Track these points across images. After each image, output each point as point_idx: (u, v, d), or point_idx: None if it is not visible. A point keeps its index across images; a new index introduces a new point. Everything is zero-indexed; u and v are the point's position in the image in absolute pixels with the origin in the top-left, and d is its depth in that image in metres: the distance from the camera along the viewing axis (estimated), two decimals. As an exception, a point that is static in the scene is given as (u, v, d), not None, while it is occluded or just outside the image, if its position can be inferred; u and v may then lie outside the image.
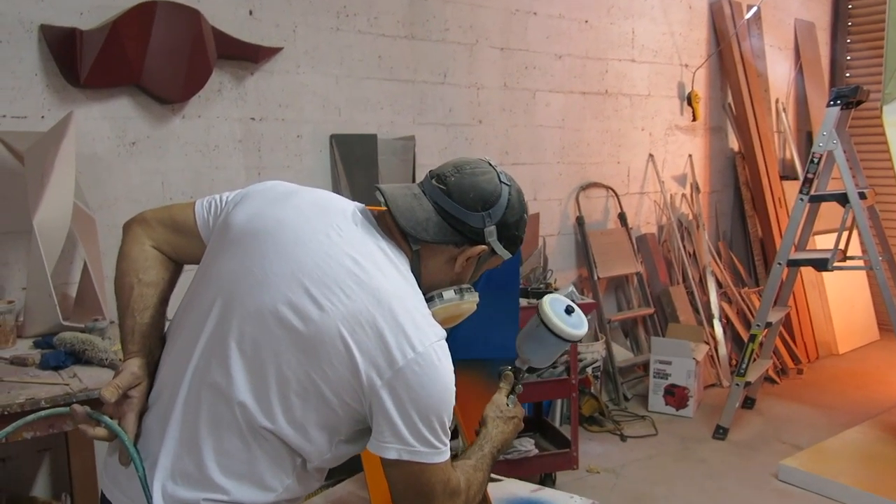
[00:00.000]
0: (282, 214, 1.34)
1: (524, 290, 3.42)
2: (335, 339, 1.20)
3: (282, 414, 1.23)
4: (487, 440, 1.48)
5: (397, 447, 1.22)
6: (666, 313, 4.93)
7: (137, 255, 1.40)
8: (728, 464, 3.75)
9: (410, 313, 1.24)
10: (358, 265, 1.26)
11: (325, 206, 1.37)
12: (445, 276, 1.40)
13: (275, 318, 1.23)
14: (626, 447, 3.96)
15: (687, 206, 5.34)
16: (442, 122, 4.02)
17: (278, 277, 1.25)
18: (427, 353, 1.21)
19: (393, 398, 1.20)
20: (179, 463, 1.24)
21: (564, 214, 4.67)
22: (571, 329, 1.46)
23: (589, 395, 4.13)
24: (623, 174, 4.99)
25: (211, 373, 1.25)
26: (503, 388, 1.60)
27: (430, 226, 1.34)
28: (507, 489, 2.06)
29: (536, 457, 3.16)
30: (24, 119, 2.80)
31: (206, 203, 1.43)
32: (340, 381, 1.22)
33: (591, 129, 4.75)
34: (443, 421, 1.24)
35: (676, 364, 4.33)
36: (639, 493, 3.41)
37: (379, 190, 1.38)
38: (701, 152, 5.48)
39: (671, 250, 5.15)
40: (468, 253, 1.37)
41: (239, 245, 1.32)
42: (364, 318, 1.21)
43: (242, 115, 3.36)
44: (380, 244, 1.32)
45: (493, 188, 1.35)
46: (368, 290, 1.23)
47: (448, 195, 1.34)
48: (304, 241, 1.29)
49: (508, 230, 1.38)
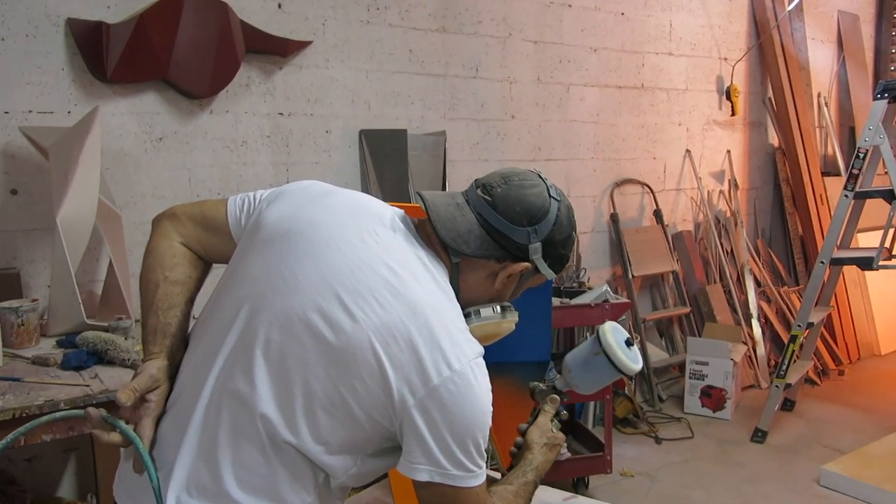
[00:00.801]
0: (315, 216, 1.27)
1: (556, 288, 3.34)
2: (367, 353, 1.14)
3: (306, 428, 1.16)
4: (532, 468, 1.40)
5: (429, 469, 1.15)
6: (702, 313, 4.81)
7: (165, 250, 1.34)
8: (767, 468, 3.63)
9: (447, 328, 1.16)
10: (394, 274, 1.19)
11: (361, 210, 1.30)
12: (485, 292, 1.33)
13: (304, 326, 1.17)
14: (662, 450, 3.85)
15: (725, 203, 5.20)
16: (473, 118, 3.95)
17: (309, 282, 1.19)
18: (464, 371, 1.14)
19: (426, 418, 1.13)
20: (195, 474, 1.18)
21: (598, 211, 4.56)
22: (630, 363, 1.39)
23: (623, 397, 4.03)
24: (659, 170, 4.87)
25: (234, 380, 1.19)
26: (548, 411, 1.50)
27: (472, 238, 1.27)
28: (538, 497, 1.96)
29: (569, 460, 3.08)
30: (51, 114, 2.79)
31: (240, 200, 1.36)
32: (370, 397, 1.15)
33: (626, 124, 4.64)
34: (478, 443, 1.16)
35: (713, 365, 4.21)
36: (675, 497, 3.31)
37: (420, 196, 1.31)
38: (740, 148, 5.34)
39: (708, 248, 5.02)
40: (510, 269, 1.30)
41: (269, 246, 1.26)
42: (398, 331, 1.14)
43: (271, 110, 3.32)
44: (418, 253, 1.25)
45: (542, 203, 1.28)
46: (404, 300, 1.16)
47: (493, 207, 1.27)
48: (337, 244, 1.22)
49: (555, 248, 1.31)
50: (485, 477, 1.21)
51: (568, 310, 3.06)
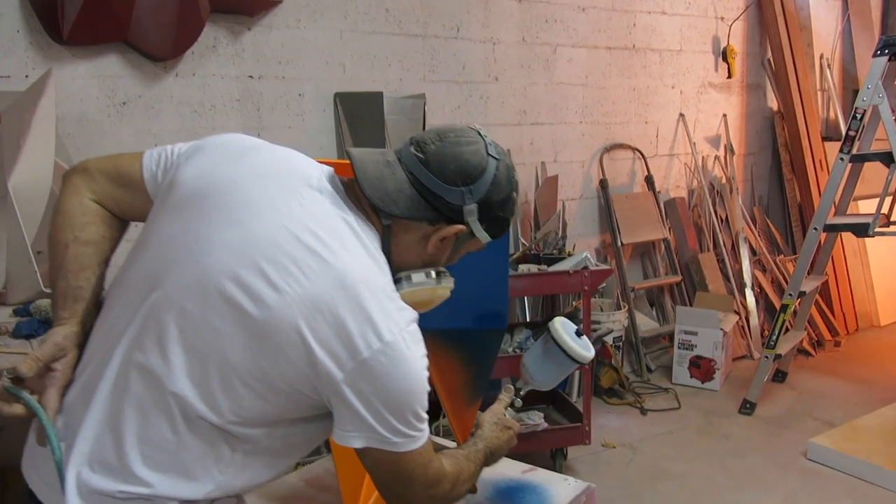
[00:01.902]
0: (235, 175, 1.18)
1: (536, 255, 3.24)
2: (289, 329, 1.06)
3: (225, 404, 1.09)
4: (482, 439, 1.43)
5: (364, 436, 1.11)
6: (694, 282, 4.70)
7: (75, 209, 1.25)
8: (754, 440, 3.55)
9: (378, 298, 1.09)
10: (320, 241, 1.11)
11: (285, 170, 1.21)
12: (417, 256, 1.25)
13: (221, 297, 1.08)
14: (646, 421, 3.78)
15: (720, 169, 5.07)
16: (455, 80, 3.82)
17: (227, 249, 1.10)
18: (395, 341, 1.08)
19: (356, 392, 1.08)
20: (99, 448, 1.11)
21: (587, 177, 4.44)
22: (582, 350, 1.44)
23: (608, 366, 3.94)
24: (651, 135, 4.73)
25: (144, 352, 1.11)
26: (503, 399, 1.55)
27: (402, 198, 1.18)
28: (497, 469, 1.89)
29: (546, 431, 3.00)
30: (7, 79, 2.68)
31: (156, 154, 1.26)
32: (295, 371, 1.08)
33: (616, 86, 4.50)
34: (416, 412, 1.12)
35: (702, 335, 4.12)
36: (656, 469, 3.24)
37: (348, 154, 1.22)
38: (736, 112, 5.18)
39: (702, 216, 4.90)
40: (443, 232, 1.22)
41: (185, 207, 1.17)
42: (325, 305, 1.06)
43: (240, 72, 3.20)
44: (346, 217, 1.16)
45: (478, 161, 1.20)
46: (331, 271, 1.08)
47: (425, 165, 1.19)
48: (258, 209, 1.13)
49: (492, 210, 1.23)
50: (427, 436, 1.16)
51: (546, 277, 2.96)
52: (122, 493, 1.08)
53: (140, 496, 1.08)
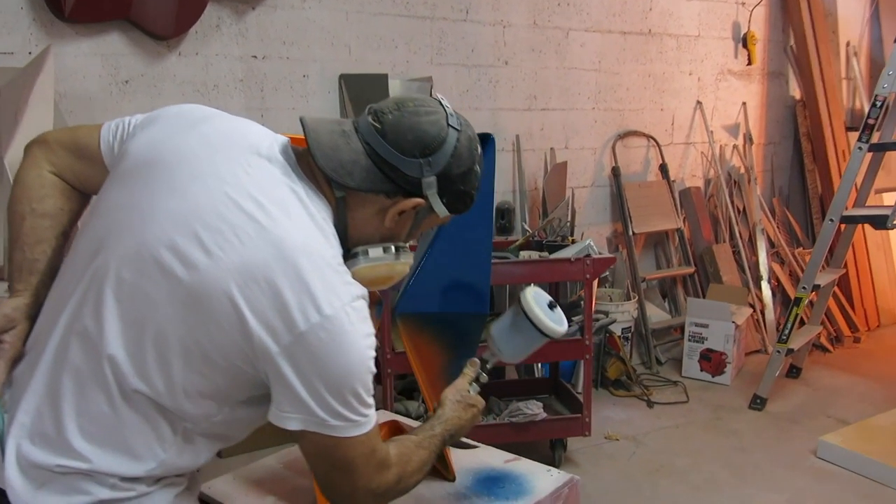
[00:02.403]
0: (184, 144, 1.15)
1: (539, 242, 3.17)
2: (221, 296, 1.02)
3: (159, 376, 1.06)
4: (440, 421, 1.35)
5: (301, 417, 1.06)
6: (708, 273, 4.60)
7: (33, 181, 1.24)
8: (762, 437, 3.46)
9: (319, 269, 1.05)
10: (261, 208, 1.07)
11: (236, 139, 1.17)
12: (375, 231, 1.21)
13: (156, 264, 1.06)
14: (653, 414, 3.70)
15: (738, 159, 4.95)
16: (463, 63, 3.75)
17: (166, 217, 1.08)
18: (336, 316, 1.03)
19: (293, 367, 1.03)
20: (39, 421, 1.09)
21: (599, 165, 4.36)
22: (553, 324, 1.36)
23: (615, 358, 3.87)
24: (666, 122, 4.63)
25: (83, 320, 1.09)
26: (467, 373, 1.45)
27: (357, 170, 1.14)
28: (479, 458, 1.86)
29: (545, 421, 2.95)
30: (11, 55, 2.68)
31: (114, 126, 1.24)
32: (230, 344, 1.04)
33: (631, 72, 4.40)
34: (357, 393, 1.07)
35: (714, 327, 4.02)
36: (658, 464, 3.17)
37: (302, 123, 1.17)
38: (757, 100, 5.05)
39: (718, 206, 4.79)
40: (401, 206, 1.18)
41: (131, 176, 1.15)
42: (260, 272, 1.02)
43: (244, 52, 3.17)
44: (295, 187, 1.12)
45: (437, 132, 1.15)
46: (269, 238, 1.04)
47: (382, 136, 1.14)
48: (202, 177, 1.10)
49: (452, 183, 1.19)
50: (372, 423, 1.11)
51: (546, 264, 2.90)
52: (59, 468, 1.06)
53: (78, 471, 1.06)
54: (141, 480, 1.10)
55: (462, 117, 1.22)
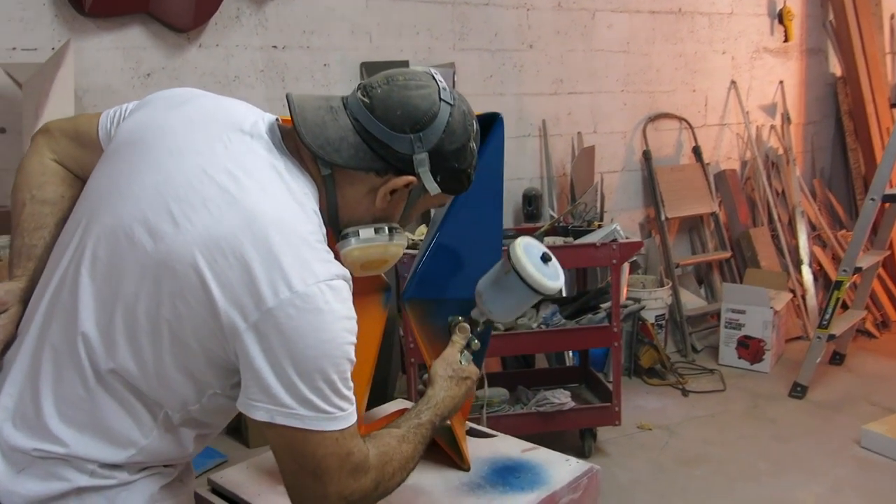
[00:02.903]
0: (167, 123, 1.13)
1: (564, 228, 3.10)
2: (187, 268, 0.98)
3: (129, 356, 1.03)
4: (429, 406, 1.24)
5: (267, 407, 0.98)
6: (745, 258, 4.47)
7: (34, 168, 1.24)
8: (802, 425, 3.34)
9: (292, 243, 0.99)
10: (235, 181, 1.03)
11: (220, 116, 1.13)
12: (367, 212, 1.16)
13: (126, 238, 1.03)
14: (688, 403, 3.61)
15: (776, 140, 4.79)
16: (486, 48, 3.69)
17: (142, 192, 1.05)
18: (310, 293, 0.97)
19: (261, 346, 0.97)
20: (21, 404, 1.07)
21: (629, 149, 4.26)
22: (545, 279, 1.24)
23: (648, 345, 3.78)
24: (699, 104, 4.50)
25: (62, 298, 1.07)
26: (456, 341, 1.36)
27: (345, 147, 1.09)
28: (495, 447, 1.80)
29: (573, 410, 2.88)
30: (35, 51, 2.71)
31: (112, 112, 1.23)
32: (197, 320, 1.00)
33: (661, 53, 4.29)
34: (330, 379, 0.99)
35: (751, 313, 3.91)
36: (692, 454, 3.08)
37: (287, 99, 1.12)
38: (795, 78, 4.89)
39: (755, 189, 4.65)
40: (392, 184, 1.12)
41: (115, 157, 1.14)
42: (228, 245, 0.98)
43: (264, 43, 3.16)
44: (276, 163, 1.07)
45: (428, 106, 1.10)
46: (240, 209, 1.00)
47: (370, 111, 1.09)
48: (181, 152, 1.07)
49: (445, 160, 1.14)
50: (351, 420, 1.03)
51: (571, 250, 2.83)
52: (37, 451, 1.03)
53: (55, 455, 1.03)
54: (122, 468, 1.07)
55: (457, 92, 1.16)
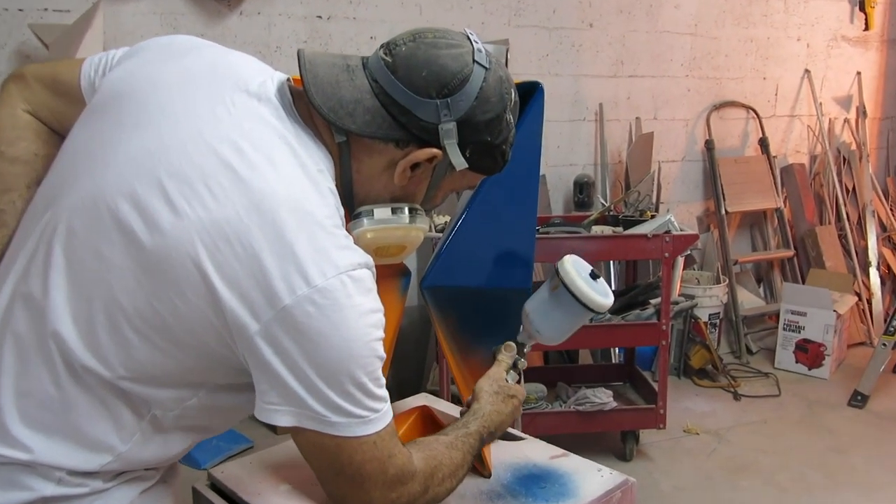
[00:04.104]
0: (160, 76, 0.98)
1: (614, 217, 2.93)
2: (185, 259, 0.85)
3: (114, 353, 0.90)
4: (476, 417, 1.15)
5: (292, 410, 0.88)
6: (810, 258, 4.22)
7: (4, 121, 1.07)
8: (861, 437, 3.12)
9: (308, 229, 0.87)
10: (240, 154, 0.89)
11: (224, 72, 0.99)
12: (384, 189, 1.01)
13: (112, 218, 0.89)
14: (739, 407, 3.41)
15: (850, 134, 4.51)
16: (543, 25, 3.52)
17: (127, 159, 0.91)
18: (330, 287, 0.85)
19: (277, 350, 0.86)
20: None
21: (691, 138, 4.04)
22: (597, 296, 1.18)
23: (699, 345, 3.59)
24: (769, 93, 4.25)
25: (29, 280, 0.93)
26: (503, 360, 1.27)
27: (360, 111, 0.95)
28: (521, 452, 1.65)
29: (615, 411, 2.73)
30: (67, 13, 2.64)
31: (97, 59, 1.07)
32: (198, 319, 0.87)
33: (731, 37, 4.05)
34: (360, 381, 0.88)
35: (812, 316, 3.67)
36: (741, 462, 2.90)
37: (298, 54, 0.98)
38: (874, 70, 4.59)
39: (824, 185, 4.38)
40: (413, 157, 0.97)
41: (99, 113, 0.99)
42: (233, 232, 0.85)
43: (308, 12, 3.05)
44: (285, 131, 0.93)
45: (459, 68, 0.95)
46: (247, 190, 0.87)
47: (392, 71, 0.95)
48: (175, 114, 0.93)
49: (477, 132, 0.98)
50: (387, 420, 0.93)
51: (620, 240, 2.67)
52: None
53: (17, 462, 0.90)
54: (96, 475, 0.94)
55: (494, 56, 1.01)
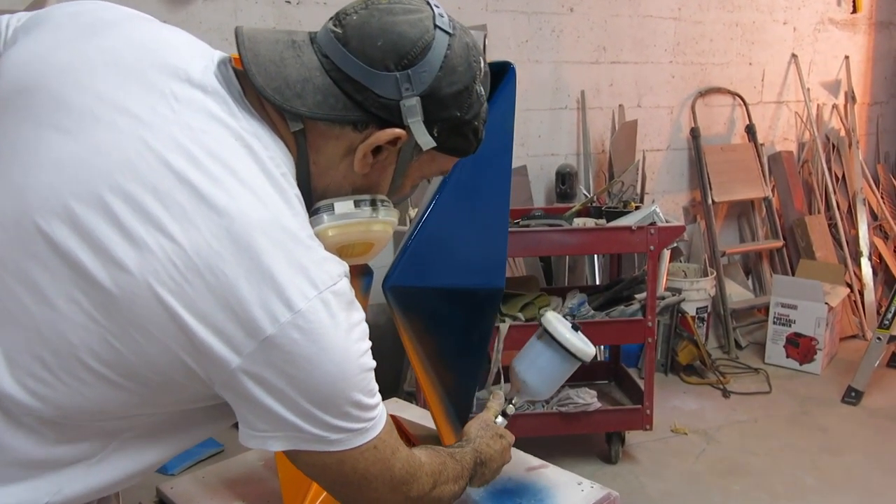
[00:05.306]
0: (77, 60, 0.83)
1: (598, 209, 2.80)
2: (150, 299, 0.74)
3: (57, 394, 0.79)
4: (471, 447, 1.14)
5: (286, 436, 0.82)
6: (799, 248, 4.11)
7: None
8: (856, 435, 3.02)
9: (284, 247, 0.77)
10: (196, 166, 0.76)
11: (156, 57, 0.84)
12: (345, 180, 0.90)
13: (45, 241, 0.76)
14: (729, 405, 3.29)
15: (838, 120, 4.41)
16: (522, 10, 3.38)
17: (57, 167, 0.77)
18: (314, 309, 0.77)
19: (261, 382, 0.78)
20: None
21: (676, 125, 3.92)
22: (582, 344, 1.25)
23: (688, 341, 3.47)
24: (755, 78, 4.13)
25: None
26: (492, 406, 1.29)
27: (309, 90, 0.83)
28: (500, 464, 1.53)
29: (599, 412, 2.60)
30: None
31: None
32: (168, 361, 0.77)
33: (715, 21, 3.93)
34: (355, 400, 0.82)
35: (803, 309, 3.56)
36: (731, 463, 2.78)
37: (236, 32, 0.86)
38: (862, 53, 4.49)
39: (813, 173, 4.28)
40: (374, 139, 0.86)
41: (5, 107, 0.83)
42: (203, 262, 0.74)
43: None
44: (241, 130, 0.81)
45: (418, 35, 0.83)
46: (212, 212, 0.75)
47: (343, 43, 0.83)
48: (106, 112, 0.79)
49: (443, 108, 0.87)
50: (383, 421, 0.88)
51: (602, 233, 2.53)
52: None
53: None
54: None
55: (458, 22, 0.89)
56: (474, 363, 1.46)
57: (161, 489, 1.43)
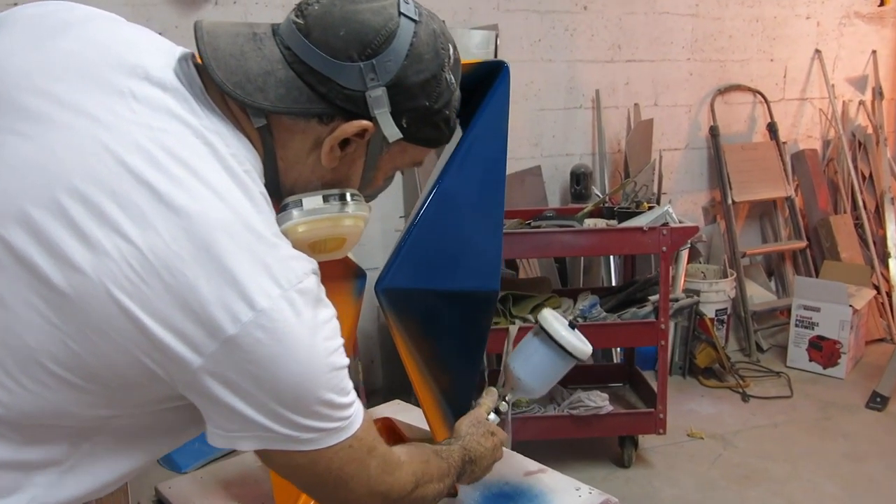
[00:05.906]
0: (35, 62, 0.82)
1: (610, 209, 2.75)
2: (106, 301, 0.73)
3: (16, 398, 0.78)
4: (457, 440, 1.15)
5: (255, 435, 0.81)
6: (824, 249, 4.01)
7: None
8: (880, 443, 2.93)
9: (246, 245, 0.76)
10: (155, 166, 0.75)
11: (116, 56, 0.82)
12: (313, 175, 0.89)
13: (3, 246, 0.75)
14: (748, 409, 3.22)
15: (865, 117, 4.29)
16: (535, 9, 3.35)
17: (11, 172, 0.76)
18: (276, 308, 0.76)
19: (225, 382, 0.77)
20: None
21: (694, 124, 3.85)
22: (578, 342, 1.23)
23: (706, 343, 3.40)
24: (777, 75, 4.04)
25: None
26: (484, 403, 1.27)
27: (271, 84, 0.82)
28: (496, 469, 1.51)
29: (611, 415, 2.55)
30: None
31: None
32: (124, 360, 0.76)
33: (735, 17, 3.85)
34: (326, 400, 0.81)
35: (826, 311, 3.47)
36: (749, 469, 2.72)
37: (195, 26, 0.84)
38: (890, 48, 4.37)
39: (838, 172, 4.17)
40: (340, 132, 0.84)
41: None
42: (161, 263, 0.73)
43: (287, 0, 2.89)
44: (201, 127, 0.79)
45: (382, 23, 0.82)
46: (170, 212, 0.74)
47: (305, 34, 0.82)
48: (62, 113, 0.78)
49: (412, 97, 0.86)
50: (360, 418, 0.87)
51: (613, 234, 2.49)
52: None
53: None
54: None
55: (425, 9, 0.87)
56: (470, 366, 1.44)
57: (159, 489, 1.43)
